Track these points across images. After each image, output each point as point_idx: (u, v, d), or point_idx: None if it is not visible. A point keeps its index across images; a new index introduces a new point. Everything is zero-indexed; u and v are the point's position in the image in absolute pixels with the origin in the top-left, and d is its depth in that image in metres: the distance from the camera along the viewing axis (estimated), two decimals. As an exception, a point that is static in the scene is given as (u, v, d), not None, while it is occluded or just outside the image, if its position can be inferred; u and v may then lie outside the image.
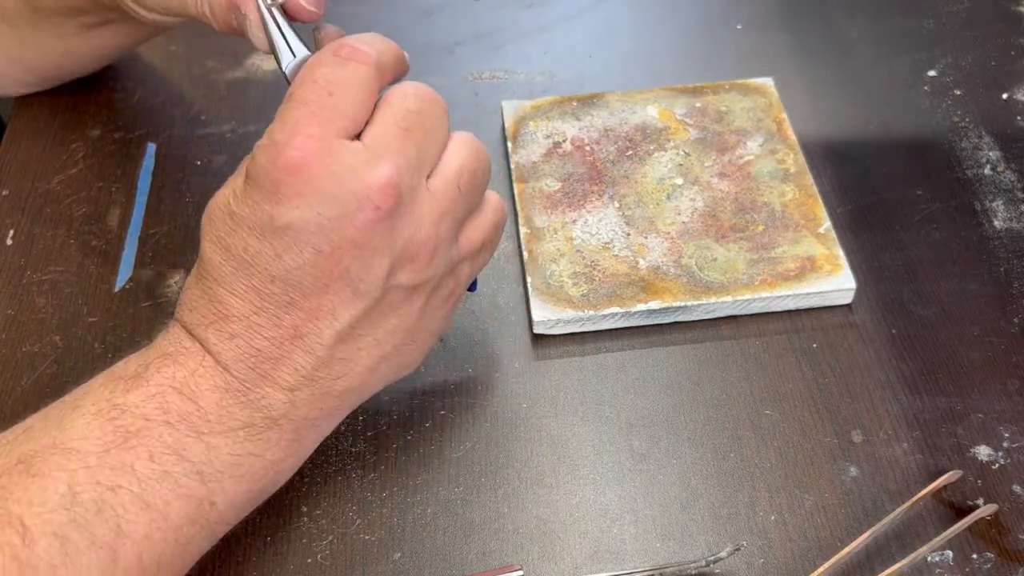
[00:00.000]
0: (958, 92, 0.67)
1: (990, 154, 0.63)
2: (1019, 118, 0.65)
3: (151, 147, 0.65)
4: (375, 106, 0.43)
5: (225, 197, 0.43)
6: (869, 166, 0.63)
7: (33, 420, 0.42)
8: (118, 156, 0.65)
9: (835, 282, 0.55)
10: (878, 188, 0.62)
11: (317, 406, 0.44)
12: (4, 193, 0.63)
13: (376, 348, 0.44)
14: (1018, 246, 0.59)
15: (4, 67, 0.66)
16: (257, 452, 0.43)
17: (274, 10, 0.46)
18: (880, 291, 0.57)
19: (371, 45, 0.44)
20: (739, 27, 0.72)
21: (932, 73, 0.69)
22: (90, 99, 0.68)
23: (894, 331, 0.55)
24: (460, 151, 0.45)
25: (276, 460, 0.44)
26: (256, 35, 0.48)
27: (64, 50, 0.65)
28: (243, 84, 0.69)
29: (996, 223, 0.60)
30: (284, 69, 0.46)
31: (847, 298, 0.56)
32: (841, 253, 0.56)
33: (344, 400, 0.45)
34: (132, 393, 0.41)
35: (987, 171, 0.62)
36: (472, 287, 0.50)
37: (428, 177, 0.44)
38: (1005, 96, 0.67)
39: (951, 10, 0.73)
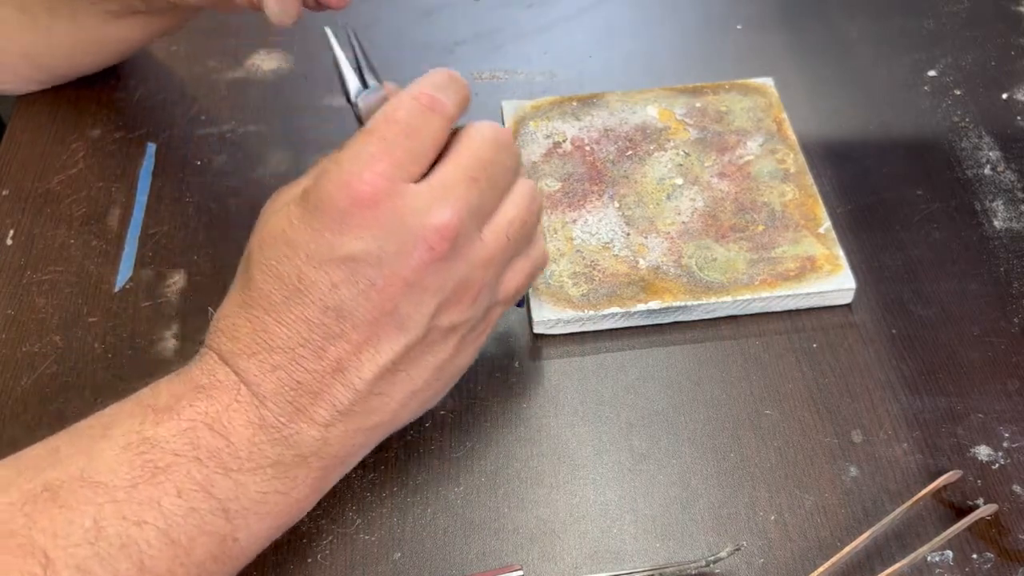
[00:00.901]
0: (958, 92, 0.67)
1: (990, 154, 0.63)
2: (1019, 118, 0.65)
3: (151, 147, 0.65)
4: (449, 143, 0.44)
5: (280, 224, 0.42)
6: (869, 166, 0.63)
7: (60, 441, 0.42)
8: (118, 156, 0.65)
9: (835, 282, 0.55)
10: (878, 188, 0.62)
11: (349, 443, 0.44)
12: (4, 193, 0.63)
13: (409, 383, 0.45)
14: (1018, 246, 0.59)
15: (15, 61, 0.65)
16: (284, 490, 0.43)
17: (351, 35, 0.47)
18: (880, 291, 0.57)
19: (446, 93, 0.44)
20: (739, 27, 0.72)
21: (932, 73, 0.69)
22: (90, 99, 0.68)
23: (894, 331, 0.55)
24: (518, 201, 0.46)
25: (301, 498, 0.44)
26: (272, 8, 0.50)
27: (78, 42, 0.65)
28: (243, 84, 0.69)
29: (996, 223, 0.60)
30: (353, 98, 0.47)
31: (847, 298, 0.56)
32: (841, 253, 0.56)
33: (372, 436, 0.45)
34: (162, 427, 0.41)
35: (987, 171, 0.62)
36: (520, 303, 0.52)
37: (483, 224, 0.45)
38: (1005, 96, 0.67)
39: (951, 10, 0.73)
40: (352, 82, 0.47)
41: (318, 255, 0.41)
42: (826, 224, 0.58)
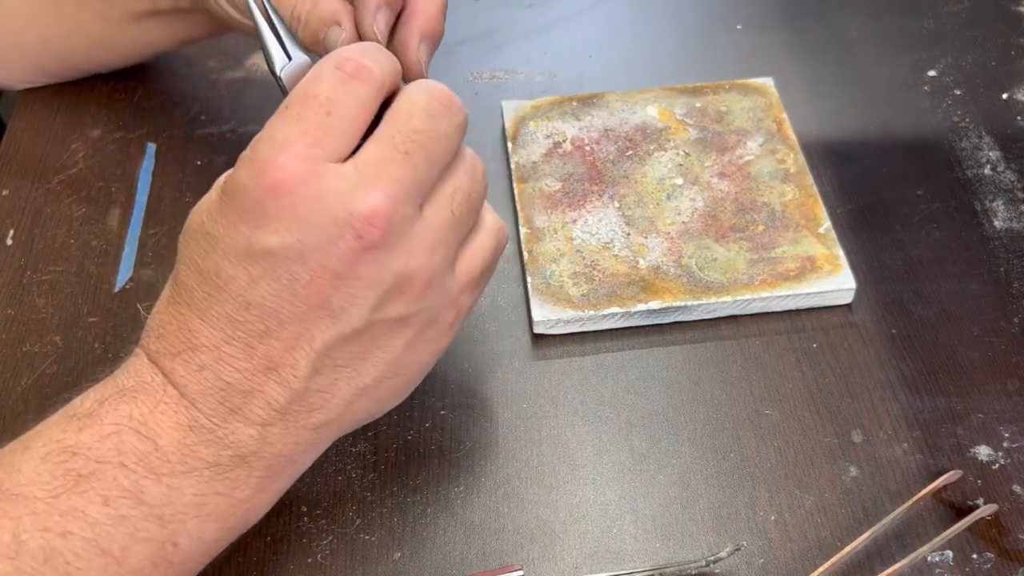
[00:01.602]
0: (958, 92, 0.67)
1: (990, 154, 0.63)
2: (1019, 118, 0.65)
3: (151, 147, 0.65)
4: (380, 114, 0.41)
5: (200, 215, 0.40)
6: (869, 166, 0.63)
7: None
8: (118, 156, 0.65)
9: (835, 282, 0.55)
10: (878, 188, 0.62)
11: (291, 441, 0.41)
12: (4, 193, 0.63)
13: (354, 380, 0.41)
14: (1018, 246, 0.59)
15: (33, 48, 0.65)
16: (224, 491, 0.40)
17: (268, 6, 0.44)
18: (880, 291, 0.57)
19: (376, 61, 0.40)
20: (739, 27, 0.72)
21: (932, 73, 0.69)
22: (90, 99, 0.68)
23: (894, 331, 0.55)
24: (459, 172, 0.42)
25: (245, 498, 0.41)
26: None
27: (100, 36, 0.64)
28: (243, 84, 0.69)
29: (996, 223, 0.60)
30: (278, 72, 0.44)
31: (847, 298, 0.56)
32: (841, 253, 0.56)
33: (320, 434, 0.42)
34: (85, 432, 0.39)
35: (987, 171, 0.62)
36: None
37: (423, 202, 0.41)
38: (1005, 96, 0.67)
39: (951, 10, 0.73)
40: (276, 53, 0.43)
41: (234, 249, 0.38)
42: (826, 224, 0.58)
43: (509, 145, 0.63)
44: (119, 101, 0.68)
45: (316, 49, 0.47)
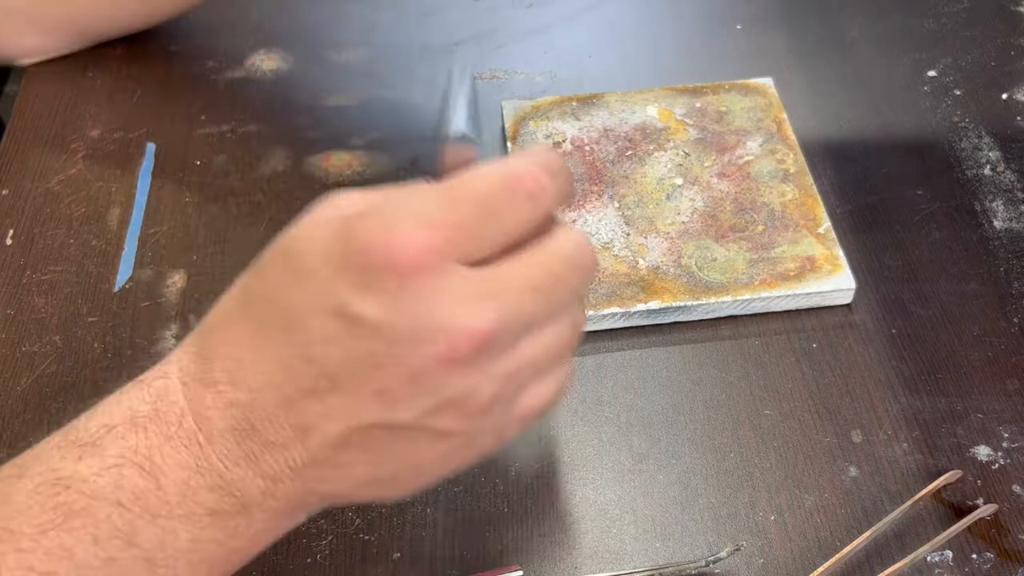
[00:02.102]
0: (958, 92, 0.67)
1: (990, 154, 0.63)
2: (1019, 118, 0.65)
3: (151, 147, 0.65)
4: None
5: (306, 240, 0.37)
6: (869, 166, 0.63)
7: None
8: (118, 156, 0.65)
9: (835, 282, 0.55)
10: (878, 188, 0.62)
11: (294, 501, 0.39)
12: (4, 193, 0.63)
13: (374, 468, 0.38)
14: (1018, 246, 0.59)
15: (37, 7, 0.64)
16: (220, 539, 0.38)
17: (471, 80, 0.44)
18: (880, 291, 0.57)
19: (556, 185, 0.37)
20: (739, 27, 0.72)
21: (932, 73, 0.69)
22: (90, 99, 0.68)
23: (894, 331, 0.55)
24: (567, 325, 0.39)
25: (238, 548, 0.39)
26: None
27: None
28: (243, 84, 0.69)
29: (996, 223, 0.60)
30: (451, 137, 0.42)
31: (847, 298, 0.56)
32: (841, 253, 0.56)
33: (324, 501, 0.40)
34: (83, 463, 0.36)
35: (987, 171, 0.62)
36: None
37: (522, 337, 0.38)
38: (1005, 96, 0.67)
39: (951, 10, 0.73)
40: (457, 120, 0.43)
41: (325, 299, 0.36)
42: (826, 224, 0.58)
43: (509, 145, 0.63)
44: (119, 101, 0.68)
45: None
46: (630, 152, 0.62)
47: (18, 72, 0.71)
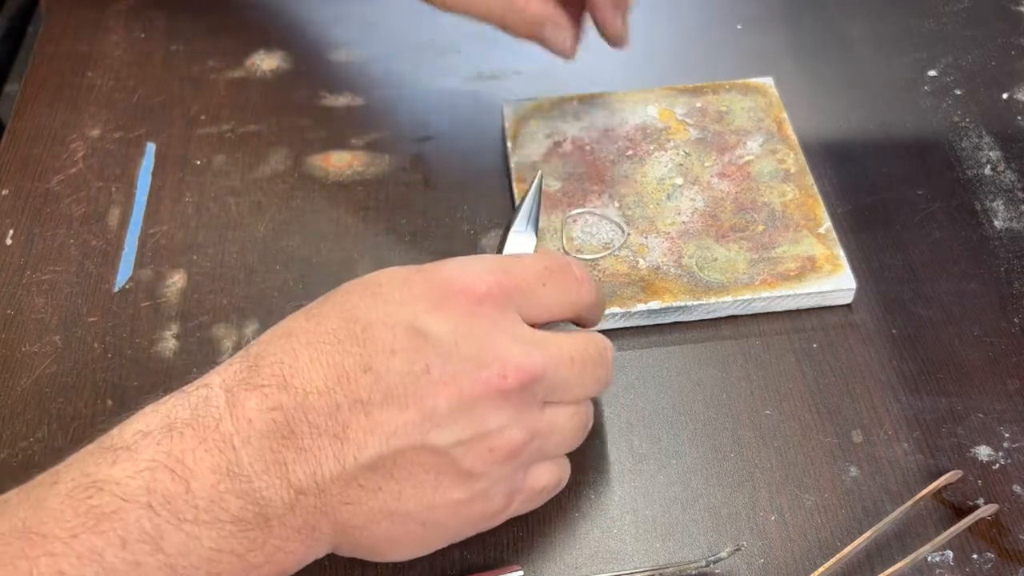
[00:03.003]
0: (958, 92, 0.67)
1: (990, 154, 0.63)
2: (1019, 118, 0.65)
3: (151, 147, 0.65)
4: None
5: (387, 274, 0.41)
6: (869, 166, 0.63)
7: (11, 493, 0.38)
8: (118, 156, 0.65)
9: (835, 282, 0.55)
10: (878, 188, 0.62)
11: (312, 522, 0.39)
12: (4, 193, 0.63)
13: (392, 500, 0.40)
14: (1018, 246, 0.59)
15: None
16: (240, 551, 0.38)
17: (540, 184, 0.55)
18: (880, 291, 0.57)
19: (593, 294, 0.46)
20: (739, 27, 0.72)
21: (932, 73, 0.69)
22: (90, 99, 0.68)
23: (894, 331, 0.55)
24: (578, 415, 0.44)
25: (256, 564, 0.39)
26: (555, 38, 0.56)
27: None
28: (243, 84, 0.69)
29: (996, 223, 0.60)
30: (512, 230, 0.52)
31: (847, 298, 0.56)
32: (841, 253, 0.56)
33: (334, 535, 0.40)
34: (117, 467, 0.37)
35: (987, 171, 0.62)
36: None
37: (552, 404, 0.43)
38: (1005, 96, 0.67)
39: (951, 10, 0.73)
40: (521, 217, 0.53)
41: (399, 315, 0.39)
42: (826, 224, 0.58)
43: (509, 144, 0.63)
44: (119, 101, 0.68)
45: (532, 35, 0.57)
46: (630, 152, 0.62)
47: (18, 71, 0.71)
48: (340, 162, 0.64)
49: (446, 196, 0.62)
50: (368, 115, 0.67)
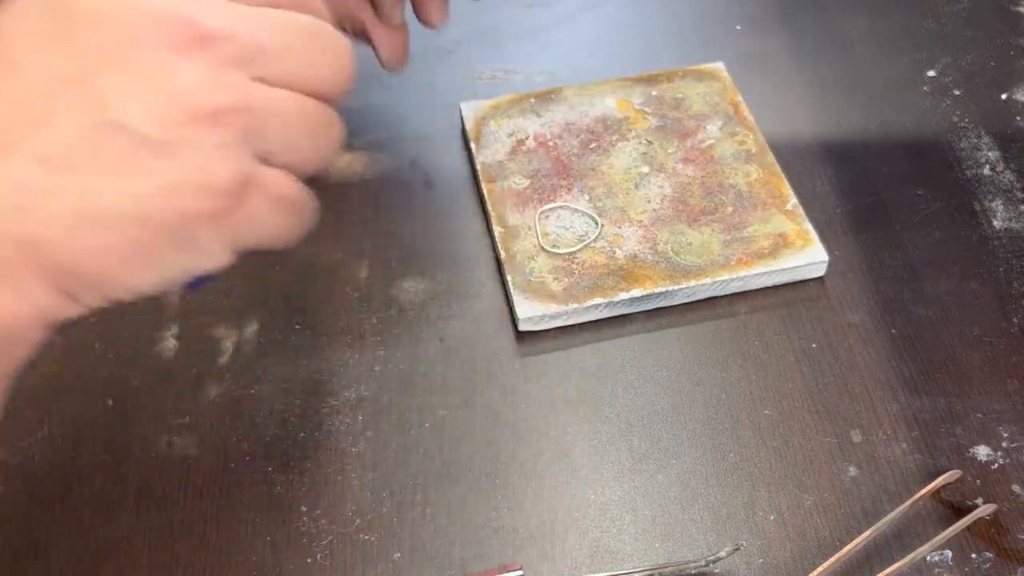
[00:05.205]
0: (958, 92, 0.67)
1: (989, 154, 0.63)
2: (1019, 118, 0.65)
3: (151, 147, 0.65)
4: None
5: None
6: (869, 166, 0.63)
7: None
8: (118, 156, 0.65)
9: (808, 256, 0.56)
10: (878, 188, 0.62)
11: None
12: (4, 193, 0.63)
13: (83, 197, 0.33)
14: (1017, 246, 0.59)
15: None
16: None
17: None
18: (880, 291, 0.57)
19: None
20: (739, 27, 0.72)
21: (932, 73, 0.69)
22: (90, 99, 0.68)
23: (893, 331, 0.55)
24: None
25: None
26: (384, 55, 0.56)
27: None
28: (243, 84, 0.69)
29: (996, 223, 0.60)
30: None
31: (820, 271, 0.57)
32: (810, 227, 0.57)
33: (21, 263, 0.33)
34: None
35: (986, 171, 0.62)
36: (198, 283, 0.39)
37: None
38: (1005, 96, 0.67)
39: (951, 10, 0.73)
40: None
41: None
42: (792, 201, 0.59)
43: (472, 146, 0.63)
44: (119, 101, 0.68)
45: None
46: (594, 144, 0.63)
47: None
48: (340, 162, 0.64)
49: (446, 196, 0.62)
50: (368, 115, 0.67)
